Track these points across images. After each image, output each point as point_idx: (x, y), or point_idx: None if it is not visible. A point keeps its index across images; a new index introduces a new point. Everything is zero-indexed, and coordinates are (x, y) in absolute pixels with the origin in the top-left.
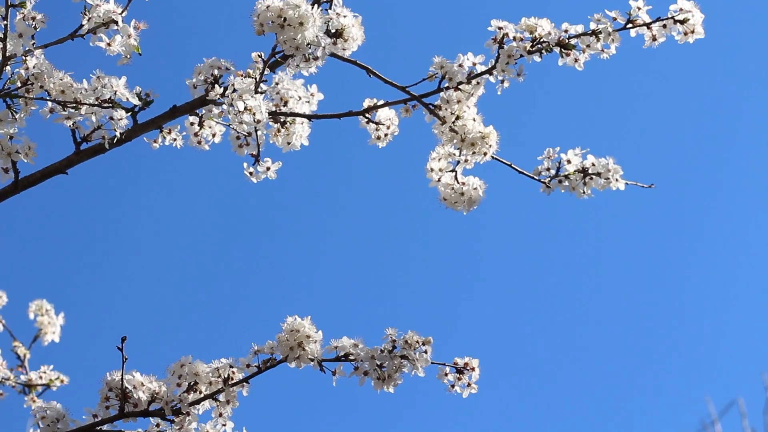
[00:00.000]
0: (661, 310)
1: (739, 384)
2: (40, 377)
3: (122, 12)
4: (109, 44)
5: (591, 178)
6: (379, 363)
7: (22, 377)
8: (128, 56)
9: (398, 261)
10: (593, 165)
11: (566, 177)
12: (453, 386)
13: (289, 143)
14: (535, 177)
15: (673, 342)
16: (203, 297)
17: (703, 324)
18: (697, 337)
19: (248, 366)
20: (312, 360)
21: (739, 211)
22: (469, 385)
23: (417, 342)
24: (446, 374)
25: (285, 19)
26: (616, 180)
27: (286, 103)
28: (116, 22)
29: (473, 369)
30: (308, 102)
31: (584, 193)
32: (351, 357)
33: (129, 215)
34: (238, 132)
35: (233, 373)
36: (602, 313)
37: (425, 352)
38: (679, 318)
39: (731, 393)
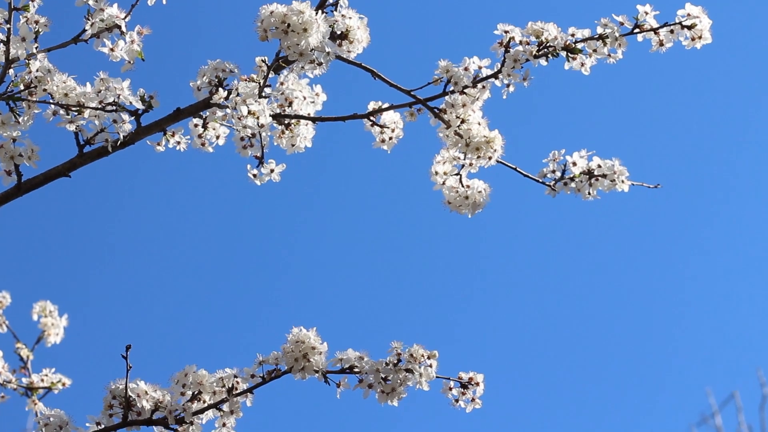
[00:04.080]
0: (661, 308)
1: (739, 379)
2: (42, 380)
3: (125, 17)
4: (112, 49)
5: (597, 180)
6: (383, 376)
7: (24, 380)
8: (131, 62)
9: (401, 264)
10: (599, 167)
11: (572, 179)
12: (457, 401)
13: (293, 145)
14: (540, 180)
15: (673, 338)
16: (207, 304)
17: (703, 320)
18: (698, 334)
19: (253, 376)
20: (317, 372)
21: (740, 211)
22: (473, 400)
23: (422, 356)
24: (450, 388)
25: (289, 25)
26: (622, 181)
27: (290, 104)
28: (119, 27)
29: (477, 384)
30: (313, 102)
31: (590, 194)
32: (356, 369)
33: (132, 218)
34: (242, 134)
35: (237, 383)
36: (608, 312)
37: (430, 366)
38: (680, 313)
39: (730, 388)
